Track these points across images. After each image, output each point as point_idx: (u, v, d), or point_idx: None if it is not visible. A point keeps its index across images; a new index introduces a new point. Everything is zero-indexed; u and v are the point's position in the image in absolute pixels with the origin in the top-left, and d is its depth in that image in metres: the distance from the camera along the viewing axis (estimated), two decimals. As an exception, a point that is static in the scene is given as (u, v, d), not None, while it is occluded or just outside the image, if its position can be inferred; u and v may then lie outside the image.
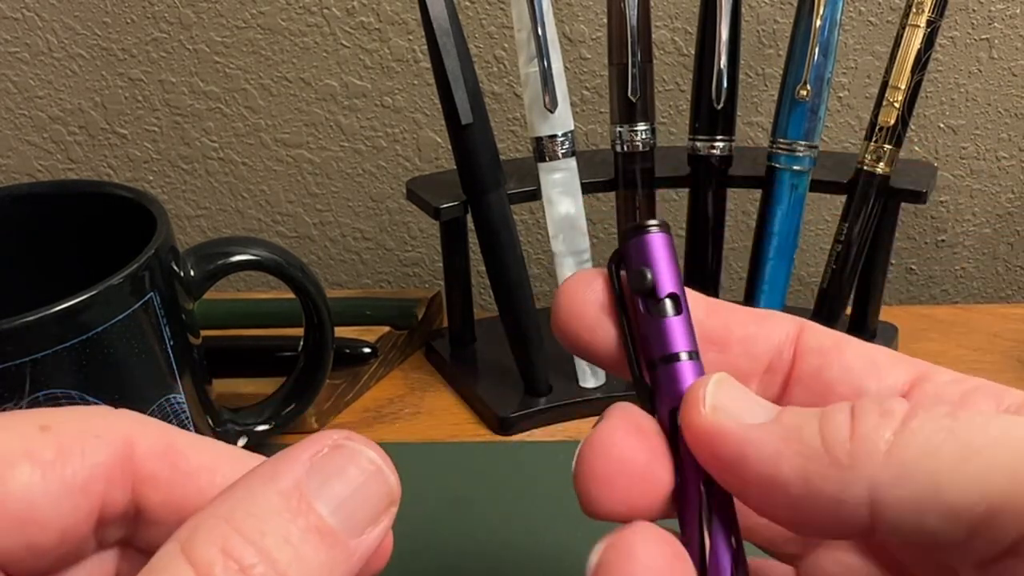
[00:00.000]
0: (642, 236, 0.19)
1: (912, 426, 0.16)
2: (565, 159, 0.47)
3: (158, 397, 0.35)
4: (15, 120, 0.63)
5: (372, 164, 0.63)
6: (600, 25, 0.58)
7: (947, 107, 0.59)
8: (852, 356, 0.20)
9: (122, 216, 0.38)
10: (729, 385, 0.18)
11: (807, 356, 0.20)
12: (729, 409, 0.17)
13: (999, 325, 0.55)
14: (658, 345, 0.19)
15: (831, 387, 0.19)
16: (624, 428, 0.18)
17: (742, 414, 0.17)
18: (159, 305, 0.35)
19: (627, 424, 0.18)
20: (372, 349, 0.49)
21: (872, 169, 0.48)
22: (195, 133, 0.63)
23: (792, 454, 0.16)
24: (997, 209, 0.62)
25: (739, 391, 0.18)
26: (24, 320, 0.30)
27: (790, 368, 0.20)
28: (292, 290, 0.41)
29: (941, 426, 0.16)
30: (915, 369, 0.19)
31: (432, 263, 0.66)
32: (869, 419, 0.16)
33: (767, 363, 0.20)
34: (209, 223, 0.66)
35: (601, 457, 0.18)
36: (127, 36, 0.61)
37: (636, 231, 0.20)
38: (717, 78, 0.47)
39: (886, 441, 0.16)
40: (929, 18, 0.45)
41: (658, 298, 0.19)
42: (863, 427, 0.16)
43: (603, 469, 0.18)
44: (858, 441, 0.16)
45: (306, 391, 0.44)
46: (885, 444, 0.16)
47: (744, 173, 0.50)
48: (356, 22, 0.59)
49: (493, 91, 0.60)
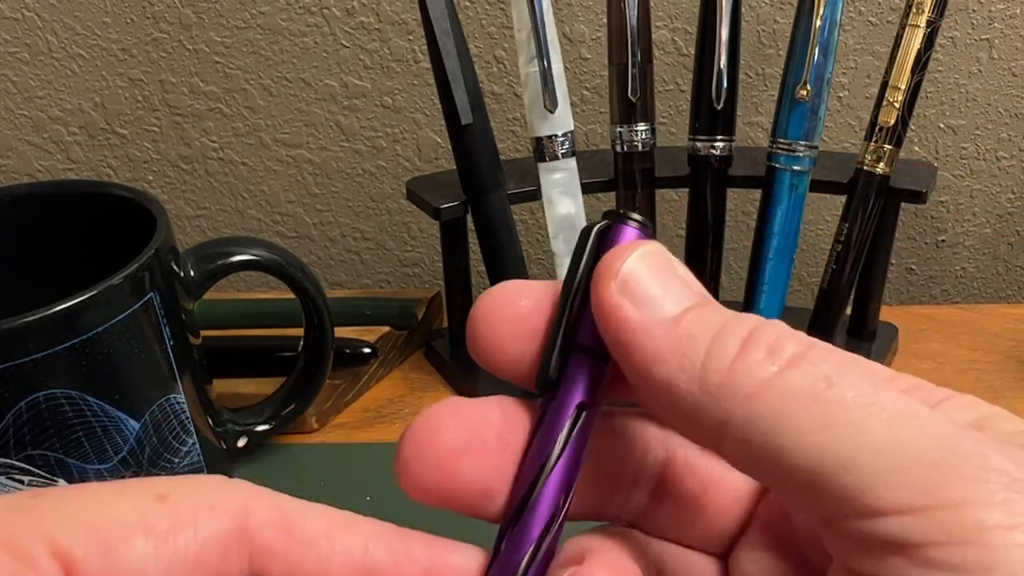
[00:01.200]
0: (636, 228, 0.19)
1: (787, 377, 0.16)
2: (565, 159, 0.47)
3: (158, 397, 0.35)
4: (15, 120, 0.63)
5: (372, 164, 0.63)
6: (600, 25, 0.58)
7: (947, 107, 0.59)
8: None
9: (122, 216, 0.38)
10: (652, 260, 0.17)
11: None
12: (637, 291, 0.17)
13: (999, 325, 0.55)
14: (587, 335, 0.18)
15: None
16: (449, 413, 0.18)
17: (650, 300, 0.17)
18: (159, 305, 0.35)
19: (452, 411, 0.18)
20: (372, 349, 0.49)
21: (872, 169, 0.48)
22: (195, 133, 0.63)
23: (672, 363, 0.16)
24: (997, 209, 0.62)
25: (660, 269, 0.17)
26: (24, 320, 0.30)
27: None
28: (292, 290, 0.41)
29: (810, 389, 0.15)
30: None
31: (432, 263, 0.66)
32: (755, 354, 0.16)
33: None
34: (209, 223, 0.66)
35: (422, 438, 0.18)
36: (127, 36, 0.61)
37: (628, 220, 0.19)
38: (717, 78, 0.47)
39: (758, 383, 0.16)
40: (929, 18, 0.45)
41: None
42: (744, 362, 0.16)
43: (423, 445, 0.18)
44: (732, 375, 0.16)
45: (306, 391, 0.44)
46: (753, 386, 0.16)
47: (744, 173, 0.50)
48: (356, 22, 0.59)
49: (493, 91, 0.60)
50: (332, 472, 0.45)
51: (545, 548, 0.18)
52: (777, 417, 0.15)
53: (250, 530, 0.17)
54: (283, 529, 0.17)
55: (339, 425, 0.49)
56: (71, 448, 0.33)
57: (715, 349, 0.16)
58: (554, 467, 0.18)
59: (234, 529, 0.16)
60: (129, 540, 0.15)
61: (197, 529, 0.16)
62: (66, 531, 0.15)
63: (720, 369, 0.16)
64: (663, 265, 0.18)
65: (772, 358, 0.16)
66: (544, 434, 0.18)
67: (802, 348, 0.16)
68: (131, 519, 0.16)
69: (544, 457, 0.18)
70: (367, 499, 0.43)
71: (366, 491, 0.43)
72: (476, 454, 0.18)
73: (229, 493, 0.17)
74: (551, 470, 0.18)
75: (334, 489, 0.44)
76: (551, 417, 0.18)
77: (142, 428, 0.35)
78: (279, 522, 0.17)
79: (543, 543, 0.18)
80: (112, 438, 0.34)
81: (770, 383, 0.16)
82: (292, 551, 0.17)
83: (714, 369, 0.16)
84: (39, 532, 0.15)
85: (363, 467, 0.45)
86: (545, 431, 0.18)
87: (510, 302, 0.19)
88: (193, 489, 0.17)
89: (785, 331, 0.17)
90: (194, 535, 0.16)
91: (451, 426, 0.18)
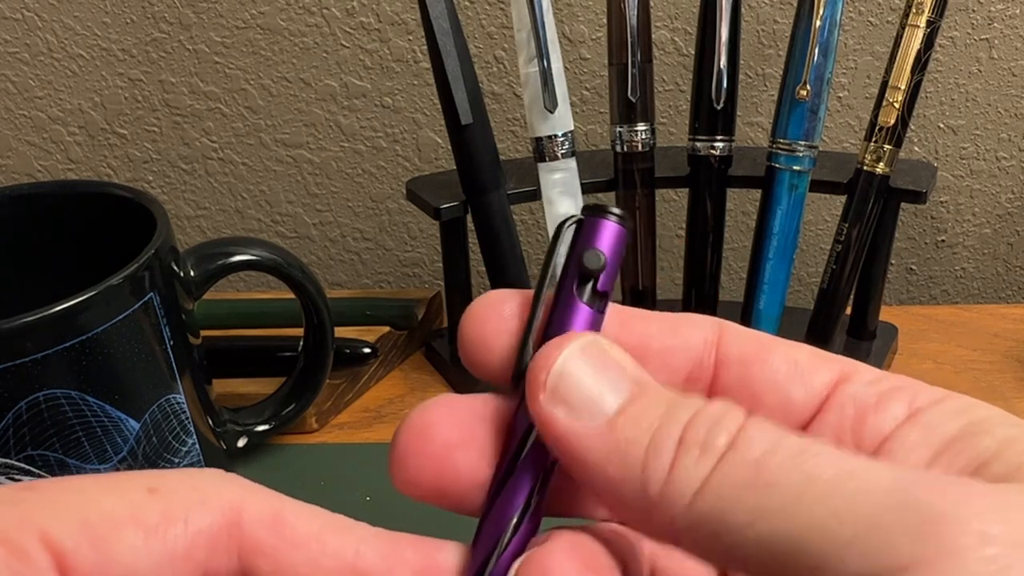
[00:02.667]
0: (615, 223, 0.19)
1: (720, 474, 0.16)
2: (565, 159, 0.47)
3: (158, 397, 0.35)
4: (15, 120, 0.63)
5: (372, 164, 0.63)
6: (600, 25, 0.58)
7: (947, 107, 0.59)
8: (776, 361, 0.19)
9: (122, 216, 0.38)
10: (585, 359, 0.17)
11: (729, 366, 0.19)
12: (569, 397, 0.17)
13: (999, 325, 0.55)
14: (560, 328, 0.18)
15: (758, 398, 0.19)
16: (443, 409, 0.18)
17: (584, 404, 0.17)
18: (159, 305, 0.35)
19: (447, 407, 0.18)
20: (372, 349, 0.49)
21: (872, 169, 0.48)
22: (195, 133, 0.63)
23: (613, 473, 0.16)
24: (997, 209, 0.62)
25: (592, 364, 0.17)
26: (24, 320, 0.30)
27: (712, 377, 0.20)
28: (292, 290, 0.41)
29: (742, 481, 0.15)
30: (837, 369, 0.19)
31: (432, 263, 0.66)
32: (689, 457, 0.16)
33: (686, 374, 0.20)
34: (209, 223, 0.66)
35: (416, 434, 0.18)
36: (127, 36, 0.61)
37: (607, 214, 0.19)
38: (717, 78, 0.47)
39: (694, 486, 0.16)
40: (929, 18, 0.45)
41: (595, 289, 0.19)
42: (680, 467, 0.16)
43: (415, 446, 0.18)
44: (671, 483, 0.16)
45: (306, 391, 0.44)
46: (691, 490, 0.16)
47: (744, 173, 0.50)
48: (356, 22, 0.59)
49: (493, 91, 0.60)
50: (332, 472, 0.45)
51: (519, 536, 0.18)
52: (717, 517, 0.15)
53: (241, 526, 0.17)
54: (274, 528, 0.17)
55: (339, 425, 0.49)
56: (71, 448, 0.33)
57: (651, 460, 0.16)
58: (524, 456, 0.18)
59: (225, 524, 0.16)
60: (119, 532, 0.16)
61: (188, 523, 0.16)
62: (57, 523, 0.15)
63: (658, 479, 0.16)
64: (594, 358, 0.17)
65: (706, 456, 0.16)
66: (517, 424, 0.18)
67: (732, 436, 0.16)
68: (122, 512, 0.16)
69: (515, 446, 0.18)
70: (367, 499, 0.43)
71: (366, 491, 0.43)
72: (469, 448, 0.18)
73: (222, 488, 0.17)
74: (522, 459, 0.18)
75: (334, 489, 0.44)
76: (524, 408, 0.18)
77: (142, 428, 0.35)
78: (271, 520, 0.17)
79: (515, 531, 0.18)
80: (112, 438, 0.34)
81: (705, 487, 0.16)
82: (282, 550, 0.17)
83: (653, 480, 0.16)
84: (31, 524, 0.15)
85: (363, 467, 0.45)
86: (518, 421, 0.18)
87: (495, 308, 0.19)
88: (185, 483, 0.17)
89: (721, 415, 0.16)
90: (184, 529, 0.16)
91: (444, 422, 0.18)
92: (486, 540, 0.18)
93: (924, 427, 0.17)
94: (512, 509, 0.18)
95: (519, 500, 0.18)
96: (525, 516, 0.18)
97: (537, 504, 0.18)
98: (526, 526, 0.18)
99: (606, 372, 0.17)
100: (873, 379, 0.19)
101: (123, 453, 0.34)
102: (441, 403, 0.18)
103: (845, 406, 0.19)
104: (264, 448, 0.46)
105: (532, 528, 0.18)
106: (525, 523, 0.18)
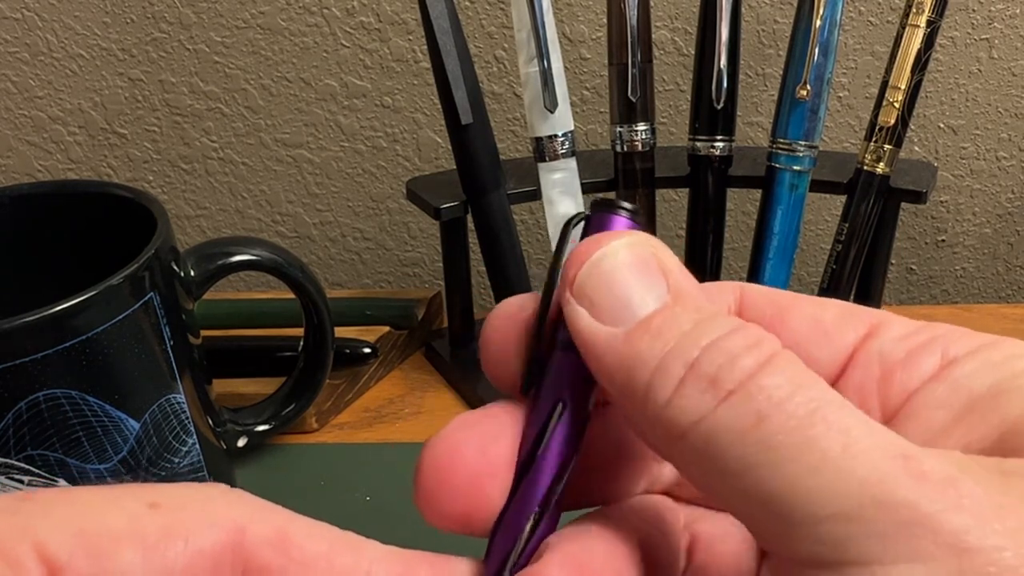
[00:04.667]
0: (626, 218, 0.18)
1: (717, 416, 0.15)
2: (565, 159, 0.47)
3: (158, 397, 0.35)
4: (15, 120, 0.63)
5: (372, 164, 0.63)
6: (600, 25, 0.58)
7: (947, 107, 0.59)
8: (797, 321, 0.19)
9: (122, 216, 0.38)
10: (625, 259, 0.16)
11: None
12: (594, 298, 0.16)
13: (999, 325, 0.55)
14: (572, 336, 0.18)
15: None
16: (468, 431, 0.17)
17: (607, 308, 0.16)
18: (159, 305, 0.35)
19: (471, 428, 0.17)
20: (372, 349, 0.49)
21: (872, 169, 0.48)
22: (195, 133, 0.63)
23: (619, 384, 0.16)
24: (997, 209, 0.62)
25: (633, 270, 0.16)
26: (24, 320, 0.30)
27: None
28: (292, 290, 0.41)
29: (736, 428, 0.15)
30: (865, 324, 0.18)
31: (432, 263, 0.66)
32: (694, 388, 0.15)
33: None
34: (209, 223, 0.66)
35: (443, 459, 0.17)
36: (127, 36, 0.61)
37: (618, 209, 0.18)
38: (717, 78, 0.47)
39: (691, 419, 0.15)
40: (929, 18, 0.45)
41: None
42: (682, 395, 0.15)
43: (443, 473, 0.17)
44: (669, 409, 0.15)
45: (306, 391, 0.44)
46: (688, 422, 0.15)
47: (744, 173, 0.50)
48: (356, 22, 0.59)
49: (493, 91, 0.60)
50: (332, 472, 0.45)
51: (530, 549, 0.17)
52: (703, 459, 0.15)
53: (245, 546, 0.16)
54: (280, 547, 0.16)
55: (339, 425, 0.49)
56: (71, 448, 0.33)
57: (657, 378, 0.16)
58: (535, 467, 0.17)
59: (228, 543, 0.16)
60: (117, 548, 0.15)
61: (188, 541, 0.15)
62: (54, 535, 0.15)
63: (658, 401, 0.15)
64: (636, 259, 0.17)
65: (711, 392, 0.15)
66: (526, 434, 0.18)
67: (746, 376, 0.15)
68: (121, 526, 0.15)
69: (524, 457, 0.17)
70: (367, 499, 0.43)
71: (366, 491, 0.43)
72: (496, 473, 0.17)
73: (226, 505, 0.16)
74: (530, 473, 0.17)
75: (334, 489, 0.44)
76: (534, 416, 0.18)
77: (142, 428, 0.35)
78: (277, 540, 0.16)
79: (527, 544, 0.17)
80: (112, 438, 0.34)
81: (699, 423, 0.15)
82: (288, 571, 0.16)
83: (653, 400, 0.15)
84: (27, 535, 0.15)
85: (363, 467, 0.45)
86: (528, 432, 0.18)
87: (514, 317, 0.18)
88: (189, 499, 0.16)
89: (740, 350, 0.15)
90: (184, 547, 0.15)
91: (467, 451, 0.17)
92: (497, 555, 0.17)
93: (952, 383, 0.17)
94: (523, 522, 0.17)
95: (529, 513, 0.17)
96: (537, 529, 0.17)
97: (550, 516, 0.18)
98: (538, 539, 0.17)
99: (644, 276, 0.16)
100: (904, 333, 0.18)
101: (123, 453, 0.34)
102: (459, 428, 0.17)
103: (871, 364, 0.18)
104: (264, 448, 0.46)
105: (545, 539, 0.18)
106: (537, 535, 0.17)
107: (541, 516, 0.17)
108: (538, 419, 0.18)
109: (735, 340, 0.15)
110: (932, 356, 0.17)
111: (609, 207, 0.18)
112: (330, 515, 0.17)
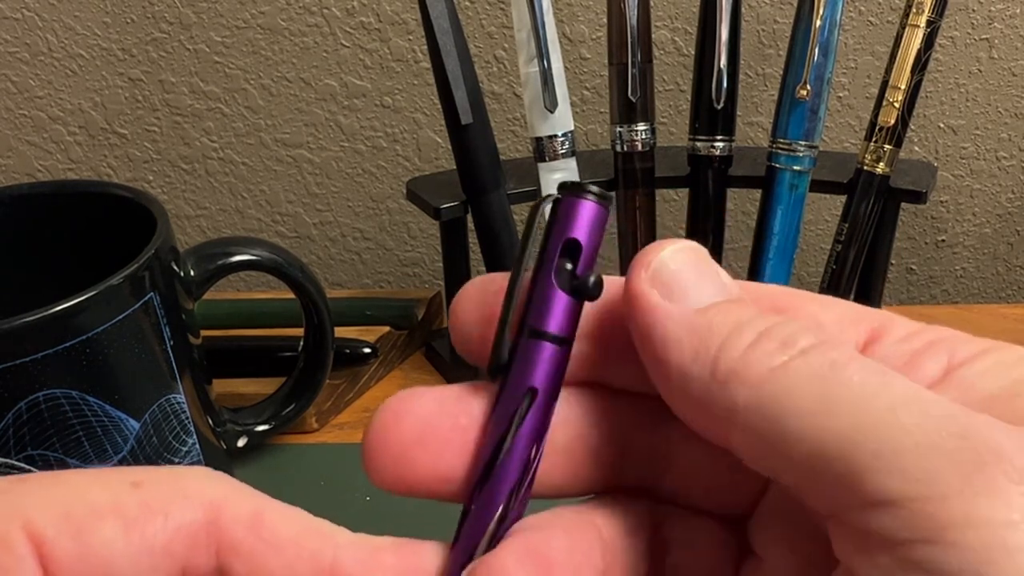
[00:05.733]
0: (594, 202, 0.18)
1: (795, 364, 0.16)
2: (565, 159, 0.47)
3: (158, 397, 0.35)
4: (15, 120, 0.63)
5: (372, 164, 0.63)
6: (600, 25, 0.58)
7: (947, 107, 0.59)
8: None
9: (122, 216, 0.38)
10: (688, 257, 0.18)
11: None
12: (667, 282, 0.17)
13: (999, 325, 0.55)
14: (538, 316, 0.17)
15: None
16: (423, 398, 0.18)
17: (679, 292, 0.17)
18: (159, 305, 0.35)
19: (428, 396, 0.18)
20: (372, 349, 0.49)
21: (872, 169, 0.48)
22: (195, 133, 0.63)
23: (687, 349, 0.17)
24: (997, 209, 0.62)
25: (696, 265, 0.18)
26: (24, 320, 0.30)
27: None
28: (292, 290, 0.41)
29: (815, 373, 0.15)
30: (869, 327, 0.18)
31: (432, 263, 0.66)
32: (768, 344, 0.16)
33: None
34: (209, 223, 0.66)
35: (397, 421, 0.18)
36: (127, 36, 0.61)
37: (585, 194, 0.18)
38: (717, 78, 0.47)
39: (766, 370, 0.16)
40: (929, 18, 0.45)
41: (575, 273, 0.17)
42: (755, 351, 0.16)
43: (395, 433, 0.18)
44: (744, 363, 0.16)
45: (306, 391, 0.44)
46: (765, 370, 0.16)
47: (744, 173, 0.50)
48: (356, 22, 0.59)
49: (493, 91, 0.60)
50: (332, 472, 0.45)
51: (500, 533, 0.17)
52: (781, 401, 0.15)
53: (220, 524, 0.17)
54: (253, 528, 0.17)
55: (339, 425, 0.49)
56: (71, 448, 0.33)
57: (731, 339, 0.16)
58: (504, 456, 0.17)
59: (204, 521, 0.16)
60: (99, 524, 0.16)
61: (168, 518, 0.16)
62: (40, 513, 0.15)
63: (732, 357, 0.16)
64: (699, 262, 0.18)
65: (784, 349, 0.16)
66: (495, 422, 0.18)
67: (817, 341, 0.16)
68: (104, 504, 0.16)
69: (492, 445, 0.17)
70: (367, 499, 0.43)
71: (366, 491, 0.43)
72: (428, 444, 0.18)
73: (205, 485, 0.17)
74: (501, 458, 0.17)
75: (334, 489, 0.44)
76: (501, 403, 0.18)
77: (142, 428, 0.35)
78: (250, 520, 0.17)
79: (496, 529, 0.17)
80: (112, 438, 0.34)
81: (777, 370, 0.16)
82: (258, 551, 0.17)
83: (726, 357, 0.16)
84: (15, 513, 0.15)
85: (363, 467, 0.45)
86: (496, 418, 0.18)
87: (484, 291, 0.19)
88: (169, 478, 0.17)
89: (807, 328, 0.16)
90: (164, 523, 0.16)
91: (405, 418, 0.18)
92: (466, 540, 0.17)
93: (960, 385, 0.17)
94: (492, 507, 0.17)
95: (499, 498, 0.17)
96: (507, 514, 0.17)
97: (519, 504, 0.18)
98: (506, 526, 0.17)
99: (706, 275, 0.18)
100: (907, 335, 0.18)
101: (123, 453, 0.34)
102: (404, 399, 0.18)
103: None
104: (264, 448, 0.46)
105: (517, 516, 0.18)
106: (506, 524, 0.17)
107: (509, 504, 0.17)
108: (505, 407, 0.17)
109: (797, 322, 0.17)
110: (937, 360, 0.17)
111: (577, 191, 0.18)
112: (330, 515, 0.17)
